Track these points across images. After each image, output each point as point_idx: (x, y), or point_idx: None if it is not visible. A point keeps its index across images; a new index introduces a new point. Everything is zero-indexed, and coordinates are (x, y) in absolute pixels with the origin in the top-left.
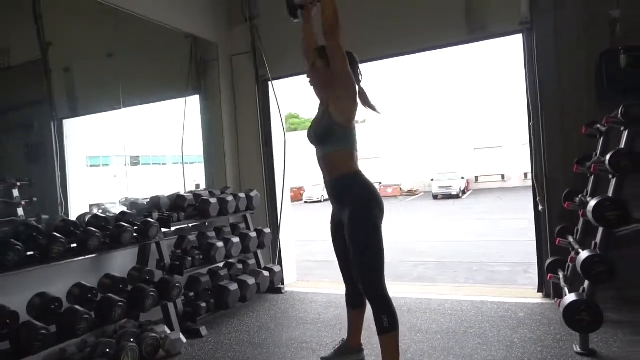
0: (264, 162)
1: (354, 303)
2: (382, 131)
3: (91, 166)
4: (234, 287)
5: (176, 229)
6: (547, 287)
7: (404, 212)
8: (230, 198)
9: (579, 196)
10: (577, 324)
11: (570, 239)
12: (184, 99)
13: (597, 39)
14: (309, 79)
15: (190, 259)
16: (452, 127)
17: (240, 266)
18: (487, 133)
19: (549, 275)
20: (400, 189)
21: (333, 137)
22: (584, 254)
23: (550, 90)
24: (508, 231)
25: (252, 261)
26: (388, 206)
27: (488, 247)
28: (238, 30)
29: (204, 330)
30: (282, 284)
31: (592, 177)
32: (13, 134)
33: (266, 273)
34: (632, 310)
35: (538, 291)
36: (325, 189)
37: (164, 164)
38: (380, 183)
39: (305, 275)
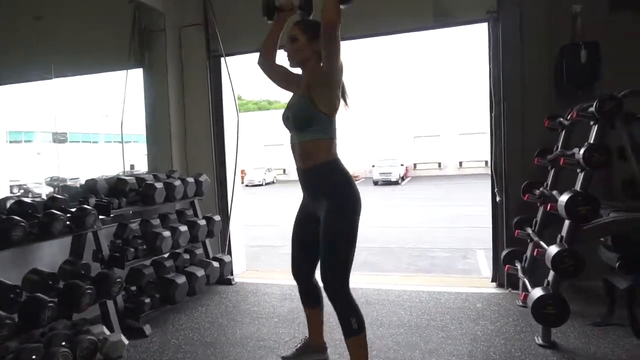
0: (214, 144)
1: (311, 301)
2: None
3: (11, 142)
4: (181, 279)
5: (114, 216)
6: (501, 277)
7: None
8: (177, 183)
9: (540, 189)
10: (544, 318)
11: (529, 230)
12: (125, 72)
13: (559, 33)
14: (288, 55)
15: (132, 249)
16: (394, 115)
17: (187, 256)
18: (427, 122)
19: (507, 266)
20: None
21: (314, 125)
22: (553, 249)
23: (513, 82)
24: (446, 218)
25: (199, 251)
26: None
27: (427, 233)
28: (189, 0)
29: (147, 329)
30: (232, 274)
31: (553, 169)
32: None
33: (216, 264)
34: (586, 300)
35: (492, 281)
36: (299, 178)
37: (95, 142)
38: None
39: (250, 262)
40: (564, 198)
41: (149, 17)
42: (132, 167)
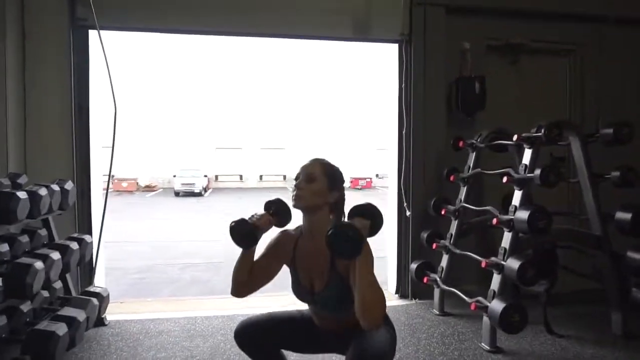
0: (76, 142)
1: None
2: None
3: None
4: (62, 329)
5: None
6: (404, 288)
7: (149, 209)
8: (43, 192)
9: (458, 204)
10: (511, 326)
11: (445, 242)
12: None
13: (453, 65)
14: (298, 195)
15: None
16: (195, 124)
17: (45, 294)
18: (228, 134)
19: (425, 278)
20: (137, 183)
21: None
22: (514, 263)
23: (417, 104)
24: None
25: (57, 284)
26: (125, 201)
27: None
28: None
29: None
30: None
31: (465, 186)
32: None
33: (95, 301)
34: None
35: (395, 292)
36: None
37: None
38: (113, 176)
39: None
40: (523, 215)
41: None
42: None
